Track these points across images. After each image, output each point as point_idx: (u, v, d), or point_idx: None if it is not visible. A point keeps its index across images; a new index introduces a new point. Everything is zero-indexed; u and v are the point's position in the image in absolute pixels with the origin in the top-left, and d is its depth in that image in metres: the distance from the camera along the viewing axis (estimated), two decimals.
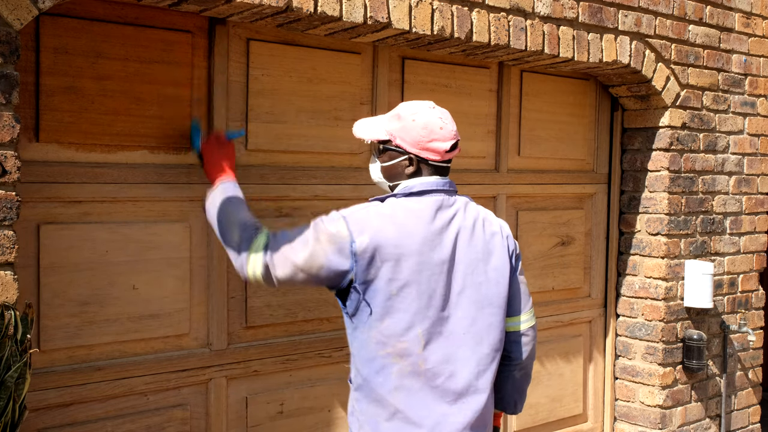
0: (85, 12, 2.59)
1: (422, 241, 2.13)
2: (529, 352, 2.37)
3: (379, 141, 2.29)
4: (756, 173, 4.55)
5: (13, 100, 2.20)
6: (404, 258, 2.10)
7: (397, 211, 2.17)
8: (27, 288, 2.49)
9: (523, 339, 2.34)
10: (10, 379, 1.98)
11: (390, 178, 2.30)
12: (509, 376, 2.37)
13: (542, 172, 4.00)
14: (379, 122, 2.32)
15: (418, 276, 2.11)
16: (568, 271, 4.13)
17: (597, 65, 3.74)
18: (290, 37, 3.06)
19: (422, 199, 2.20)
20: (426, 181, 2.23)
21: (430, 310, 2.13)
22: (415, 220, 2.15)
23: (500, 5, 3.26)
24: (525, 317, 2.35)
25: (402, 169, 2.25)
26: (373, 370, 2.16)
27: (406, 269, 2.10)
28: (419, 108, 2.27)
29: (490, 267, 2.23)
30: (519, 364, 2.35)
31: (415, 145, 2.22)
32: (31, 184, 2.49)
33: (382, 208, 2.19)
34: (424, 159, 2.22)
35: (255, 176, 2.99)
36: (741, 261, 4.49)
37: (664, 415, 4.12)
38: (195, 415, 2.89)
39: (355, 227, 2.11)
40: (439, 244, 2.15)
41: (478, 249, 2.21)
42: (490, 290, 2.22)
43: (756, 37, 4.49)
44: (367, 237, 2.09)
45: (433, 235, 2.15)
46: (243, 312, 2.99)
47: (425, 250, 2.13)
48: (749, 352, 4.59)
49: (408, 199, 2.20)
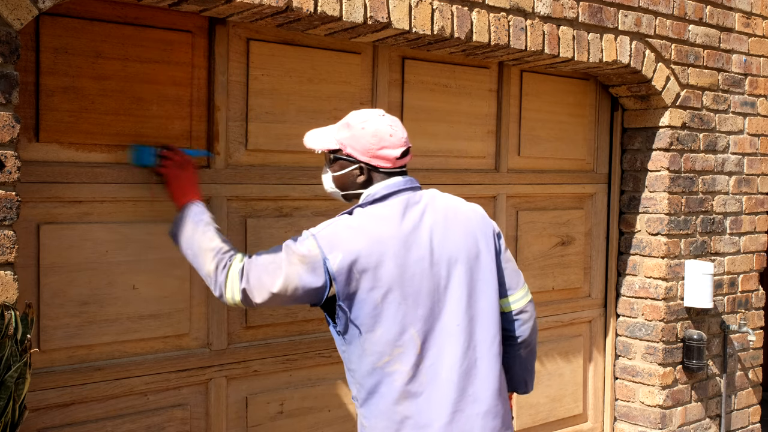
0: (85, 12, 2.59)
1: (396, 244, 2.11)
2: (532, 327, 2.34)
3: (329, 150, 2.28)
4: (756, 173, 4.55)
5: (13, 100, 2.20)
6: (381, 265, 2.08)
7: (365, 220, 2.15)
8: (27, 288, 2.48)
9: (522, 316, 2.32)
10: (10, 379, 1.98)
11: (342, 188, 2.30)
12: (515, 355, 2.34)
13: (542, 172, 4.00)
14: (329, 132, 2.31)
15: (400, 279, 2.09)
16: (568, 271, 4.13)
17: (597, 65, 3.75)
18: (290, 37, 3.06)
19: (388, 202, 2.19)
20: (388, 184, 2.21)
21: (419, 309, 2.12)
22: (384, 225, 2.14)
23: (500, 5, 3.26)
24: (519, 294, 2.33)
25: (354, 178, 2.25)
26: (374, 382, 2.14)
27: (386, 275, 2.08)
28: (369, 116, 2.26)
29: (472, 254, 2.20)
30: (523, 342, 2.33)
31: (365, 153, 2.21)
32: (31, 184, 2.49)
33: (350, 220, 2.17)
34: (374, 167, 2.22)
35: (255, 176, 2.99)
36: (741, 261, 4.49)
37: (664, 415, 4.12)
38: (195, 415, 2.89)
39: (325, 244, 2.11)
40: (415, 242, 2.13)
41: (455, 238, 2.19)
42: (476, 276, 2.19)
43: (756, 37, 4.49)
44: (339, 253, 2.08)
45: (406, 236, 2.13)
46: (243, 312, 2.99)
47: (401, 252, 2.11)
48: (749, 352, 4.59)
49: (374, 206, 2.19)
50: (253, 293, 2.16)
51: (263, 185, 3.01)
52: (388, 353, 2.10)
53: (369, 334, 2.11)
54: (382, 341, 2.11)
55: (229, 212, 2.94)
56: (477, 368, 2.16)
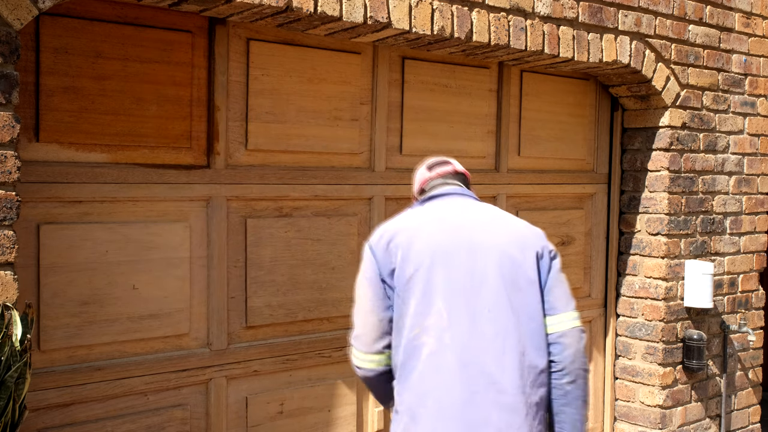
0: (85, 12, 2.59)
1: (434, 225, 2.22)
2: (573, 355, 2.22)
3: None
4: (756, 173, 4.55)
5: (13, 100, 2.20)
6: (417, 239, 2.18)
7: (413, 211, 2.32)
8: (27, 288, 2.48)
9: (563, 340, 2.22)
10: (10, 379, 1.98)
11: None
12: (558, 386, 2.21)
13: (542, 172, 3.99)
14: None
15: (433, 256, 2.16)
16: (568, 271, 4.10)
17: (597, 65, 3.74)
18: (290, 37, 3.06)
19: (438, 200, 2.32)
20: (441, 188, 2.35)
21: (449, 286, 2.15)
22: (428, 212, 2.28)
23: (500, 5, 3.26)
24: (563, 317, 2.26)
25: None
26: (406, 354, 2.17)
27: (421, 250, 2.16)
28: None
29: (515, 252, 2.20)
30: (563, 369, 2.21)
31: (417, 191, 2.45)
32: (31, 184, 2.49)
33: (399, 215, 2.34)
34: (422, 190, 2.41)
35: (255, 176, 2.99)
36: (741, 261, 4.49)
37: (664, 415, 4.12)
38: (195, 415, 2.89)
39: (374, 239, 2.25)
40: (456, 227, 2.22)
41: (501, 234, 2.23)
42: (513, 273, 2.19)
43: (756, 37, 4.49)
44: (379, 234, 2.24)
45: (448, 220, 2.24)
46: (243, 312, 2.99)
47: (438, 232, 2.20)
48: (749, 352, 4.59)
49: (424, 203, 2.35)
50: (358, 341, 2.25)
51: (263, 185, 3.01)
52: (419, 324, 2.14)
53: (403, 308, 2.17)
54: (413, 313, 2.15)
55: (229, 212, 2.94)
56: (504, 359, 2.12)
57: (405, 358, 2.16)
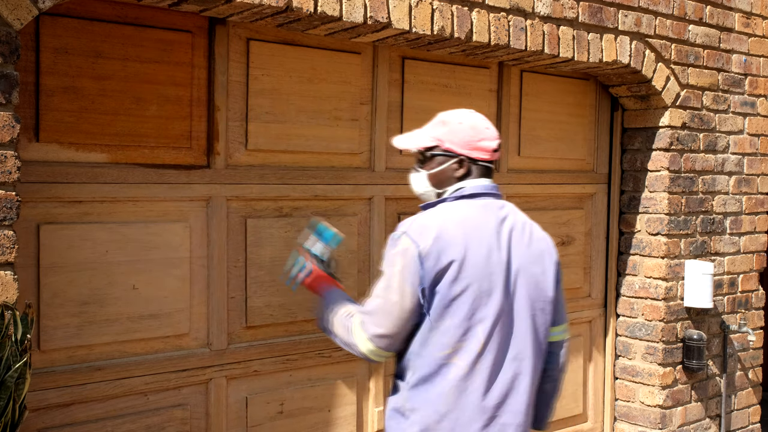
0: (85, 12, 2.59)
1: (482, 241, 2.14)
2: (562, 363, 2.38)
3: (425, 149, 2.29)
4: (756, 173, 4.55)
5: (13, 100, 2.20)
6: (467, 257, 2.10)
7: (455, 214, 2.17)
8: (27, 288, 2.48)
9: (559, 350, 2.36)
10: (10, 379, 1.98)
11: (439, 185, 2.28)
12: (540, 388, 2.33)
13: (542, 172, 3.99)
14: (421, 132, 2.34)
15: (481, 275, 2.11)
16: (568, 271, 4.12)
17: (597, 65, 3.74)
18: (290, 37, 3.06)
19: (474, 201, 2.21)
20: (476, 184, 2.24)
21: (490, 309, 2.12)
22: (473, 221, 2.16)
23: (500, 5, 3.26)
24: (561, 328, 2.37)
25: (452, 172, 2.25)
26: (430, 371, 2.14)
27: (470, 268, 2.10)
28: (463, 113, 2.31)
29: (539, 271, 2.23)
30: (551, 376, 2.36)
31: (465, 145, 2.23)
32: (31, 184, 2.49)
33: (437, 212, 2.19)
34: (474, 159, 2.23)
35: (255, 176, 2.99)
36: (741, 261, 4.49)
37: (664, 415, 4.12)
38: (195, 415, 2.89)
39: (417, 235, 2.12)
40: (497, 244, 2.16)
41: (529, 252, 2.22)
42: (540, 294, 2.23)
43: (756, 37, 4.49)
44: (430, 239, 2.10)
45: (491, 236, 2.16)
46: (243, 312, 2.99)
47: (485, 249, 2.13)
48: (749, 352, 4.59)
49: (461, 202, 2.21)
50: (379, 331, 2.14)
51: (263, 185, 3.01)
52: (452, 345, 2.11)
53: (438, 323, 2.12)
54: (449, 333, 2.11)
55: (229, 212, 2.94)
56: (519, 381, 2.18)
57: (428, 372, 2.14)
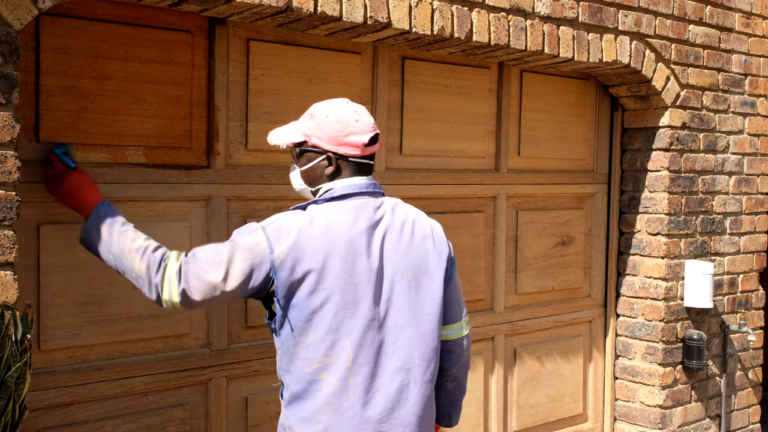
0: (85, 12, 2.59)
1: (346, 249, 2.02)
2: (463, 362, 2.29)
3: (294, 144, 2.18)
4: (756, 173, 4.55)
5: (13, 100, 2.20)
6: (327, 267, 2.00)
7: (318, 218, 2.05)
8: (27, 288, 2.48)
9: (457, 349, 2.26)
10: (10, 379, 1.98)
11: (311, 183, 2.18)
12: (441, 386, 2.27)
13: (542, 172, 4.00)
14: (292, 126, 2.22)
15: (344, 286, 2.01)
16: (568, 271, 4.13)
17: (597, 65, 3.75)
18: (290, 37, 3.06)
19: (344, 203, 2.09)
20: (347, 184, 2.11)
21: (357, 320, 2.02)
22: (336, 227, 2.04)
23: (500, 5, 3.26)
24: (458, 326, 2.25)
25: (321, 170, 2.14)
26: (300, 388, 2.06)
27: (330, 279, 2.00)
28: (332, 104, 2.17)
29: (422, 273, 2.12)
30: (451, 375, 2.27)
31: (332, 141, 2.10)
32: (31, 184, 2.49)
33: (302, 215, 2.07)
34: (342, 155, 2.11)
35: (255, 176, 2.99)
36: (741, 261, 4.49)
37: (664, 415, 4.12)
38: (195, 415, 2.89)
39: (273, 237, 2.02)
40: (365, 249, 2.04)
41: (408, 253, 2.10)
42: (422, 296, 2.11)
43: (756, 37, 4.49)
44: (285, 247, 1.99)
45: (357, 241, 2.04)
46: (243, 312, 2.99)
47: (350, 257, 2.02)
48: (749, 352, 4.59)
49: (329, 205, 2.09)
50: (192, 293, 2.05)
51: (263, 185, 3.01)
52: (318, 360, 2.02)
53: (301, 338, 2.03)
54: (313, 347, 2.02)
55: (229, 212, 2.94)
56: (408, 392, 2.08)
57: (299, 390, 2.06)
